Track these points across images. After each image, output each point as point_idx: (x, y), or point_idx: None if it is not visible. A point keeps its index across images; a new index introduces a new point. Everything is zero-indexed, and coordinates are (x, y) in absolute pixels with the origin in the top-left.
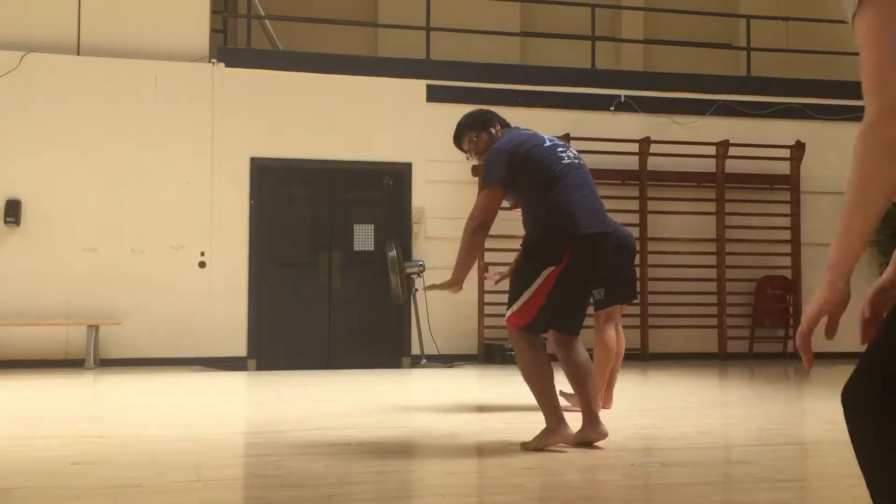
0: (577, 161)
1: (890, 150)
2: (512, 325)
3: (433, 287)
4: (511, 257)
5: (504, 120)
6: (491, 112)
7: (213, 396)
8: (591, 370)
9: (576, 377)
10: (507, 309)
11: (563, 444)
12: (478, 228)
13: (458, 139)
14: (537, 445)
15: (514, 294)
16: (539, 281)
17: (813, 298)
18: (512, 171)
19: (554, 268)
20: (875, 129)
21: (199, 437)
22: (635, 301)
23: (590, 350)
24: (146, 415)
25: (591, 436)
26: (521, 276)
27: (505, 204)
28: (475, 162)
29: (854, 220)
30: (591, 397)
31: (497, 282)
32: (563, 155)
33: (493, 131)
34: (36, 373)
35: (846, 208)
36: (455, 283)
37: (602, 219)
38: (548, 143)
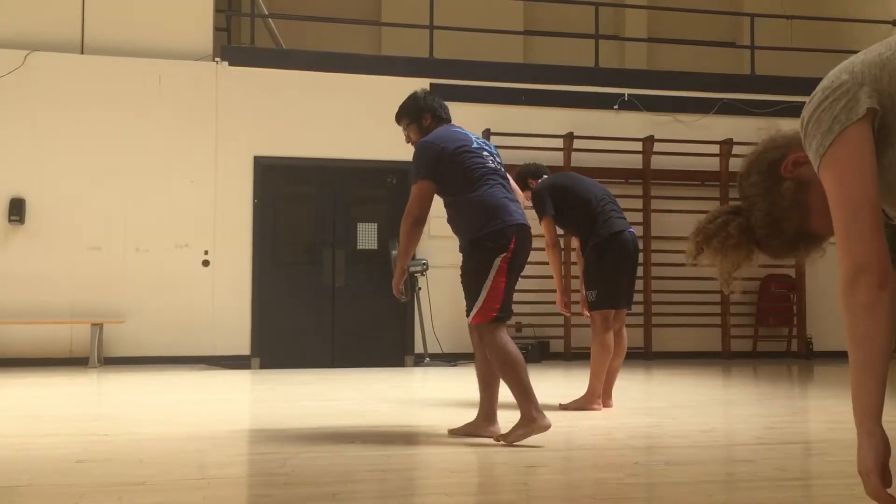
0: (500, 169)
1: (867, 309)
2: (482, 321)
3: (401, 292)
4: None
5: (441, 110)
6: (428, 100)
7: (217, 395)
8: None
9: (494, 368)
10: (469, 310)
11: (534, 441)
12: (414, 224)
13: (397, 119)
14: (517, 438)
15: (471, 293)
16: (493, 272)
17: (860, 455)
18: (440, 167)
19: (504, 254)
20: (851, 290)
21: (203, 435)
22: (630, 307)
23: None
24: (150, 413)
25: (482, 431)
26: (472, 273)
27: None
28: (408, 142)
29: (864, 372)
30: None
31: None
32: (489, 159)
33: (424, 124)
34: (40, 371)
35: (851, 363)
36: (399, 278)
37: (522, 212)
38: (475, 145)
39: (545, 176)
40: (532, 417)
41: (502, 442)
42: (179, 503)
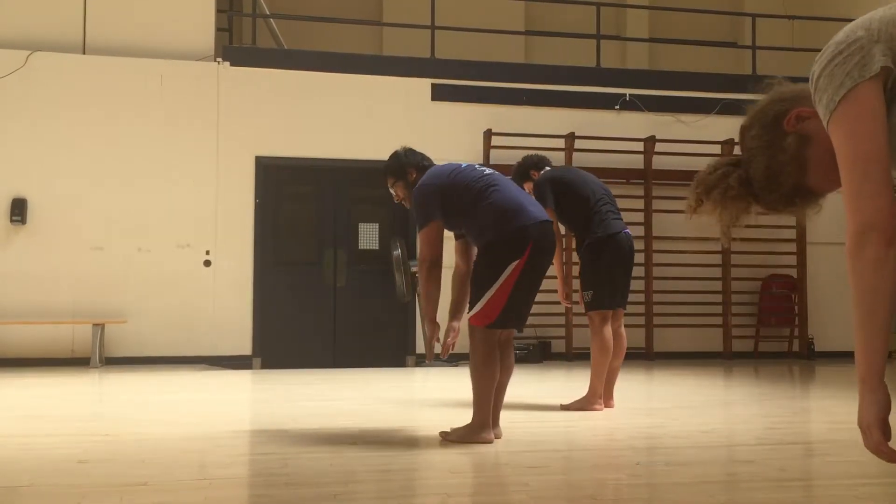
0: (496, 173)
1: (874, 265)
2: (478, 324)
3: (433, 353)
4: None
5: (424, 161)
6: (409, 156)
7: (219, 395)
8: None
9: (505, 376)
10: (470, 308)
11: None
12: (431, 268)
13: (383, 178)
14: (458, 439)
15: (476, 293)
16: (503, 277)
17: (862, 409)
18: (444, 200)
19: (518, 261)
20: (858, 248)
21: (205, 435)
22: (626, 306)
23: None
24: (152, 413)
25: (475, 437)
26: (482, 274)
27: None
28: (397, 200)
29: (867, 331)
30: (500, 401)
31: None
32: (482, 169)
33: (409, 179)
34: (42, 371)
35: (856, 321)
36: (431, 329)
37: (540, 208)
38: (465, 165)
39: (548, 168)
40: (480, 426)
41: (441, 436)
42: (181, 503)
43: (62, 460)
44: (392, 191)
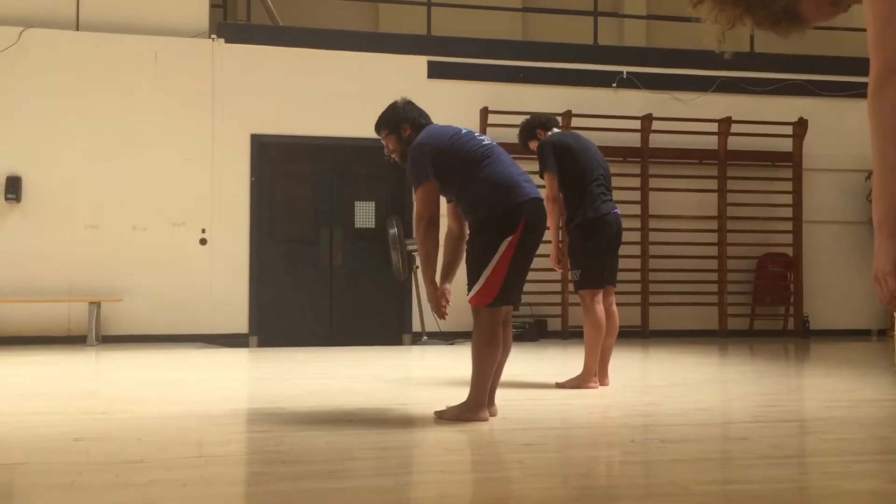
0: (494, 144)
1: None
2: (479, 304)
3: (441, 313)
4: None
5: (421, 118)
6: (408, 109)
7: (215, 373)
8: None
9: (504, 355)
10: (469, 289)
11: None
12: (428, 226)
13: (376, 129)
14: (454, 417)
15: (472, 274)
16: (498, 255)
17: (878, 257)
18: (439, 163)
19: (511, 237)
20: (881, 90)
21: (201, 413)
22: (615, 283)
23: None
24: (148, 391)
25: (471, 415)
26: (476, 253)
27: None
28: (387, 153)
29: (886, 172)
30: (497, 379)
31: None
32: (482, 138)
33: (403, 135)
34: (38, 349)
35: (876, 164)
36: (431, 290)
37: (533, 185)
38: (464, 132)
39: (555, 130)
40: (476, 405)
41: (435, 416)
42: (177, 481)
43: (58, 438)
44: (383, 142)
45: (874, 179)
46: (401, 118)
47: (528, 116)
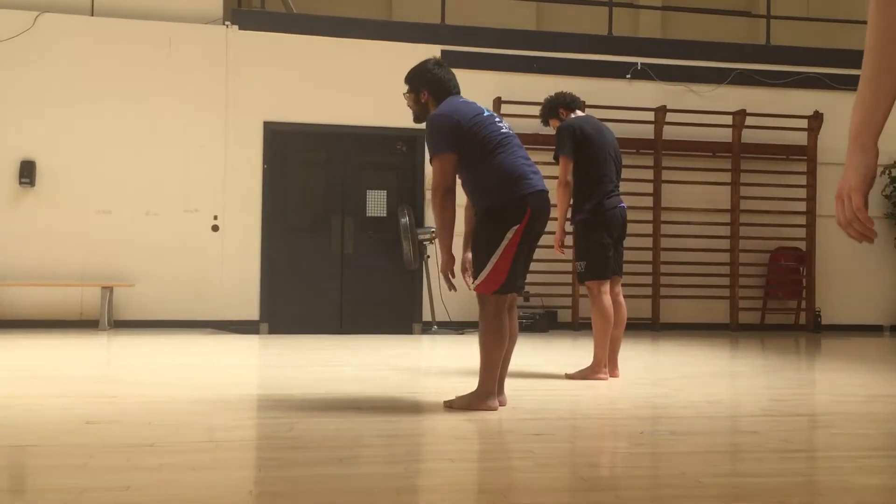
0: (511, 133)
1: (887, 5)
2: (485, 291)
3: (450, 284)
4: None
5: (446, 83)
6: (435, 72)
7: (226, 359)
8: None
9: (511, 344)
10: (474, 278)
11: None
12: (445, 194)
13: (405, 79)
14: (463, 407)
15: (479, 262)
16: (505, 242)
17: (847, 171)
18: (457, 139)
19: (518, 225)
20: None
21: (212, 398)
22: (622, 273)
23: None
24: (159, 376)
25: (480, 405)
26: (483, 241)
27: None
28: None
29: (871, 78)
30: (505, 368)
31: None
32: (501, 125)
33: (421, 99)
34: (51, 333)
35: (869, 71)
36: (446, 258)
37: (541, 178)
38: (486, 114)
39: (578, 113)
40: (486, 394)
41: (445, 405)
42: (187, 465)
43: (70, 421)
44: (405, 95)
45: (858, 90)
46: (424, 81)
47: (553, 94)
